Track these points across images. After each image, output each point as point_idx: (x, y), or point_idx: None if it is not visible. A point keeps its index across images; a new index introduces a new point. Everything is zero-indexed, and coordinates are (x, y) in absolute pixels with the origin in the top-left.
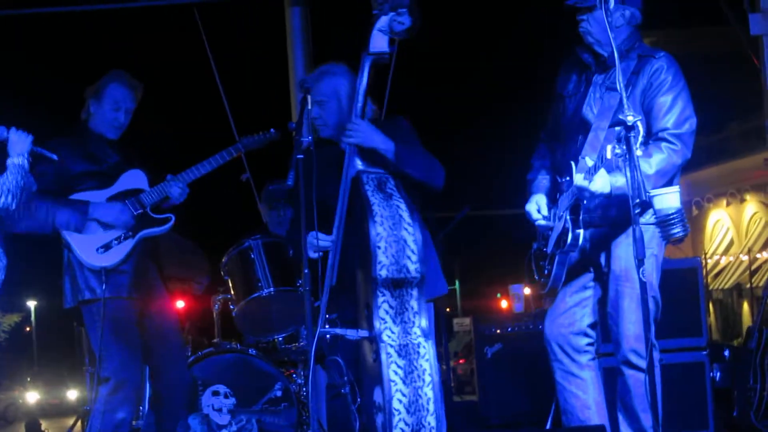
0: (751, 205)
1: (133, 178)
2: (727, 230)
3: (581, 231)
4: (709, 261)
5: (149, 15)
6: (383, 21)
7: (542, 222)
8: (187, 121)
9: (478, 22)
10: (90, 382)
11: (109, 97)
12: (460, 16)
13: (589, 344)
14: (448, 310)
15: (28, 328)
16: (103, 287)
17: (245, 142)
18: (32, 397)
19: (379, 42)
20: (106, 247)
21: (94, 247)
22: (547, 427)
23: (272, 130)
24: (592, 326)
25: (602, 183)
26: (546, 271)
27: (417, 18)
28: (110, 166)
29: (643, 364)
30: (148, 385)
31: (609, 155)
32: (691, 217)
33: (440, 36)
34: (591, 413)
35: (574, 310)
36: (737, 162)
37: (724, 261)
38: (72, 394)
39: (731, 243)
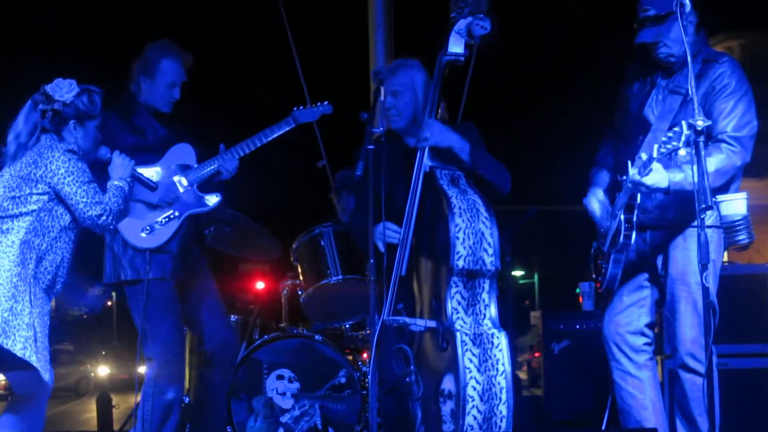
0: None
1: (181, 153)
2: None
3: (634, 230)
4: None
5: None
6: (461, 24)
7: (598, 217)
8: (266, 108)
9: (544, 20)
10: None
11: (163, 73)
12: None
13: (646, 344)
14: (527, 303)
15: (109, 303)
16: (148, 267)
17: (296, 115)
18: (103, 371)
19: (456, 44)
20: (151, 228)
21: (139, 228)
22: (603, 426)
23: (326, 102)
24: (649, 326)
25: (658, 177)
26: (603, 270)
27: (494, 23)
28: (158, 140)
29: (700, 368)
30: None
31: (655, 154)
32: None
33: (509, 35)
34: (648, 413)
35: (632, 309)
36: None
37: None
38: (142, 369)
39: None
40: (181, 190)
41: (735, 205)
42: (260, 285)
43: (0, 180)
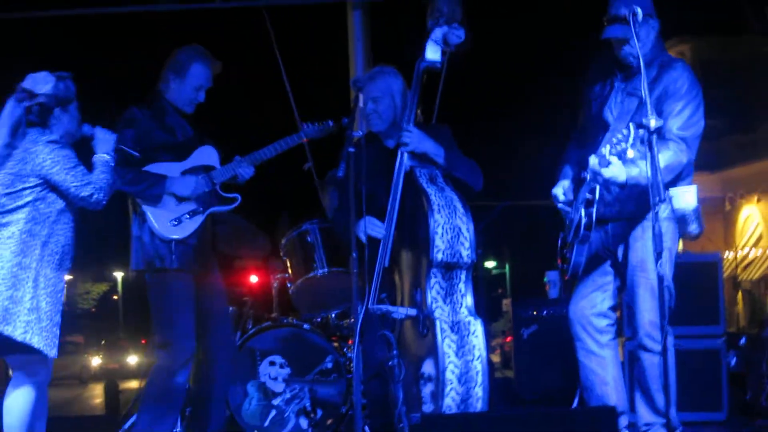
0: None
1: (207, 154)
2: (757, 225)
3: (593, 222)
4: (739, 253)
5: (222, 15)
6: (438, 33)
7: (563, 206)
8: (254, 114)
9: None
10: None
11: (193, 76)
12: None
13: (609, 325)
14: (499, 291)
15: (115, 297)
16: (173, 257)
17: (306, 131)
18: (96, 361)
19: (432, 52)
20: (179, 220)
21: (168, 219)
22: (575, 403)
23: (330, 122)
24: (612, 308)
25: (616, 171)
26: (568, 258)
27: (468, 32)
28: (186, 140)
29: (657, 348)
30: None
31: (607, 153)
32: (725, 211)
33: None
34: (609, 389)
35: (596, 293)
36: (767, 162)
37: (753, 253)
38: (132, 360)
39: (761, 237)
40: (207, 188)
41: (686, 197)
42: (254, 278)
43: None
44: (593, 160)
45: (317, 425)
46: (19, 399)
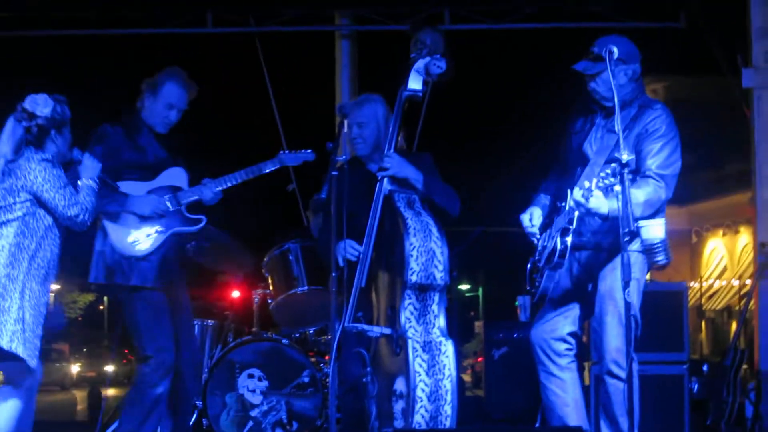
0: (744, 236)
1: (175, 176)
2: (722, 257)
3: (568, 251)
4: (704, 284)
5: (215, 41)
6: (420, 63)
7: (532, 230)
8: (242, 137)
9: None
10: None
11: (164, 95)
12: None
13: (567, 349)
14: (472, 314)
15: (101, 307)
16: (132, 274)
17: (282, 158)
18: (75, 368)
19: (415, 81)
20: (139, 237)
21: (127, 237)
22: (537, 423)
23: (309, 150)
24: (571, 335)
25: (598, 203)
26: (537, 283)
27: (450, 63)
28: (156, 161)
29: (623, 374)
30: None
31: (593, 186)
32: (691, 243)
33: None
34: (570, 410)
35: (557, 319)
36: (733, 197)
37: (717, 284)
38: (109, 368)
39: (725, 269)
40: (171, 208)
41: (654, 229)
42: (235, 294)
43: None
44: (577, 192)
45: None
46: (6, 409)
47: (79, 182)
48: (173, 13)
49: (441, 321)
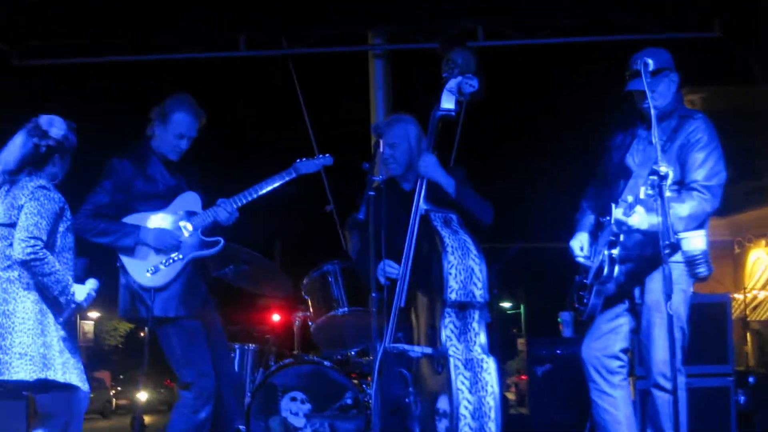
0: None
1: (188, 201)
2: (766, 268)
3: (617, 265)
4: (748, 295)
5: (248, 64)
6: (452, 83)
7: (582, 259)
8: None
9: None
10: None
11: (174, 124)
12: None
13: (620, 366)
14: (514, 330)
15: (141, 334)
16: (153, 306)
17: (297, 166)
18: (116, 396)
19: (447, 101)
20: (156, 268)
21: (145, 269)
22: None
23: (327, 155)
24: (624, 351)
25: (640, 219)
26: (585, 300)
27: (482, 81)
28: (167, 188)
29: (670, 386)
30: None
31: (642, 195)
32: (734, 254)
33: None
34: (622, 428)
35: (608, 336)
36: None
37: (762, 295)
38: (143, 396)
39: None
40: (186, 234)
41: (695, 241)
42: (276, 317)
43: None
44: (618, 211)
45: None
46: None
47: (73, 288)
48: (206, 38)
49: (482, 338)
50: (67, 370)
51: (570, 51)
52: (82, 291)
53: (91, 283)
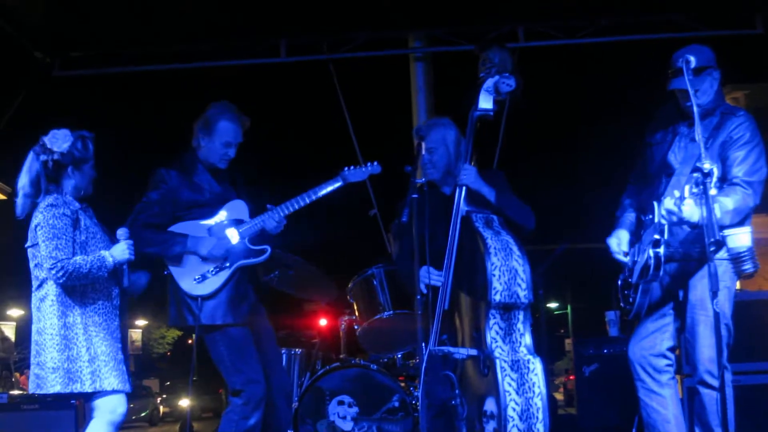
0: None
1: (235, 209)
2: None
3: (662, 264)
4: None
5: (290, 70)
6: (489, 83)
7: (619, 256)
8: (319, 164)
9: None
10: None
11: (220, 133)
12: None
13: (668, 365)
14: (561, 331)
15: (189, 341)
16: (201, 314)
17: (345, 174)
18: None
19: (485, 101)
20: (203, 276)
21: (192, 277)
22: None
23: (375, 162)
24: (671, 349)
25: (691, 211)
26: (631, 299)
27: (520, 81)
28: (213, 196)
29: (716, 383)
30: None
31: (686, 194)
32: None
33: (542, 82)
34: (671, 426)
35: (655, 335)
36: None
37: None
38: (184, 402)
39: None
40: (234, 242)
41: (740, 238)
42: (323, 321)
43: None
44: (669, 201)
45: None
46: None
47: (103, 253)
48: (247, 45)
49: (527, 339)
50: (98, 379)
51: (611, 50)
52: (118, 250)
53: (122, 236)
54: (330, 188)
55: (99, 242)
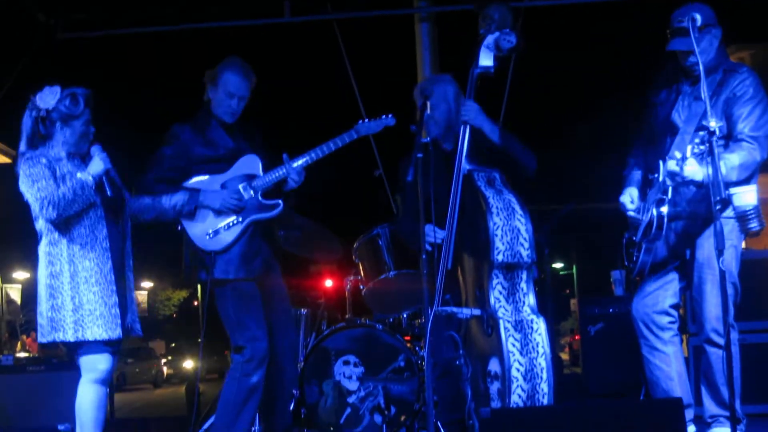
0: None
1: (248, 164)
2: None
3: (665, 224)
4: None
5: (294, 30)
6: (490, 39)
7: (632, 213)
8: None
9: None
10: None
11: (223, 84)
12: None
13: (670, 322)
14: (567, 291)
15: (195, 303)
16: (214, 269)
17: (359, 127)
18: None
19: (485, 58)
20: (216, 231)
21: (205, 232)
22: (641, 397)
23: (390, 115)
24: (674, 307)
25: (693, 170)
26: (635, 258)
27: (520, 37)
28: (227, 152)
29: (722, 342)
30: None
31: (689, 154)
32: None
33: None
34: (674, 384)
35: (658, 292)
36: None
37: None
38: (188, 364)
39: None
40: (246, 197)
41: (746, 196)
42: (328, 282)
43: None
44: (671, 162)
45: (391, 422)
46: (87, 396)
47: (79, 174)
48: (251, 5)
49: (531, 299)
50: (80, 328)
51: (613, 8)
52: (94, 165)
53: (95, 151)
54: (343, 142)
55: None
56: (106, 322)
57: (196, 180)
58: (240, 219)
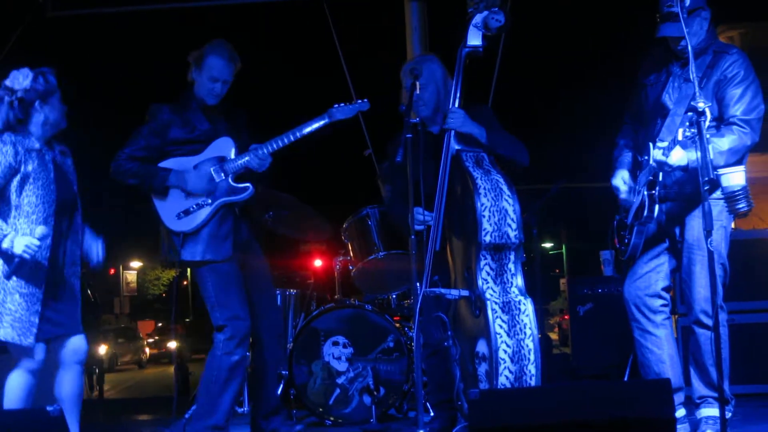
0: None
1: (222, 146)
2: None
3: (656, 204)
4: None
5: (283, 9)
6: (478, 18)
7: (625, 195)
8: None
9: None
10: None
11: (207, 67)
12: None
13: (663, 305)
14: (556, 271)
15: (185, 282)
16: (182, 249)
17: (332, 111)
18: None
19: (474, 37)
20: (186, 212)
21: (175, 212)
22: (625, 378)
23: (365, 99)
24: (665, 289)
25: (679, 156)
26: (626, 240)
27: (509, 16)
28: (201, 133)
29: (711, 323)
30: None
31: (680, 137)
32: None
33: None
34: (665, 367)
35: (650, 275)
36: None
37: None
38: (173, 344)
39: None
40: (217, 180)
41: (734, 177)
42: (317, 262)
43: None
44: (656, 153)
45: (380, 403)
46: (14, 382)
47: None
48: None
49: (518, 280)
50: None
51: None
52: (19, 243)
53: (40, 230)
54: (316, 125)
55: (41, 189)
56: (22, 327)
57: (170, 160)
58: (209, 201)
